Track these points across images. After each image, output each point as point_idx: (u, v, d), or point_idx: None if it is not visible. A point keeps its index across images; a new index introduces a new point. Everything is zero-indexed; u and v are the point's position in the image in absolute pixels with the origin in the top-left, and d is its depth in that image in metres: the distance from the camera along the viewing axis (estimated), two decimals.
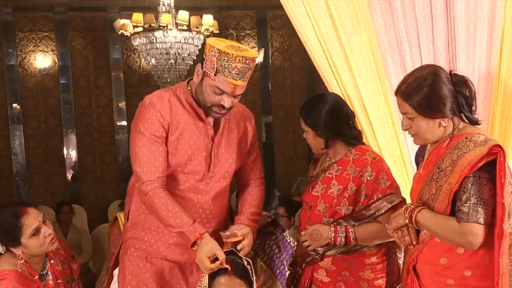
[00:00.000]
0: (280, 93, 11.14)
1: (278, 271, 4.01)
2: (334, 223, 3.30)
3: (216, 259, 2.85)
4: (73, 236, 7.93)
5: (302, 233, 3.39)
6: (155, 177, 3.03)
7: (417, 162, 3.16)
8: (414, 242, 2.86)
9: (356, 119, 3.53)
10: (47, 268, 3.43)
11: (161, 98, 3.12)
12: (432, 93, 2.69)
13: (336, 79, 3.88)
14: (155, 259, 3.24)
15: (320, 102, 3.37)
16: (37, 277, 3.33)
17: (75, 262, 3.72)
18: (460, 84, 2.73)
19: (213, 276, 2.88)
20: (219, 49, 2.91)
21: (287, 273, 3.74)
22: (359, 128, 3.61)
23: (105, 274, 4.55)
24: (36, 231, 3.26)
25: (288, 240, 4.19)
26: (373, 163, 3.27)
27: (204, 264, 2.85)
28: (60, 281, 3.47)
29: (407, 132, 2.91)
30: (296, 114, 10.64)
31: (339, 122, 3.34)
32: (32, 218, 3.26)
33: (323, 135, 3.34)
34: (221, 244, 3.00)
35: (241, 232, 3.09)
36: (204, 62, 3.01)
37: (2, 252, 3.32)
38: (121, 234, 4.45)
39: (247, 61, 2.94)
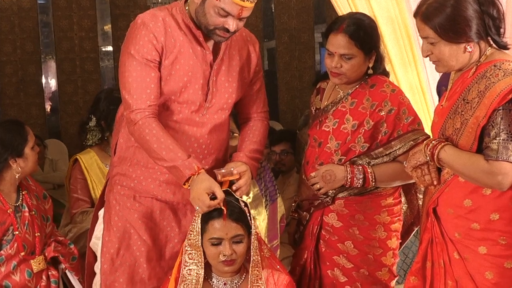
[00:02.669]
0: (284, 15, 10.98)
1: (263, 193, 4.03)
2: (349, 163, 3.27)
3: (213, 198, 2.84)
4: (49, 170, 7.89)
5: (312, 174, 3.35)
6: (146, 105, 3.01)
7: (439, 93, 3.14)
8: (435, 182, 2.85)
9: None
10: (21, 199, 3.60)
11: (154, 18, 3.08)
12: (455, 14, 2.66)
13: None
14: (144, 199, 3.24)
15: (370, 19, 3.37)
16: (10, 210, 3.50)
17: (47, 201, 3.86)
18: (487, 3, 2.70)
19: (206, 219, 2.89)
20: None
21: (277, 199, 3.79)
22: None
23: (66, 224, 4.53)
24: (33, 145, 3.67)
25: (271, 175, 4.14)
26: (393, 96, 3.24)
27: (202, 200, 2.84)
28: (34, 213, 3.62)
29: (427, 58, 2.88)
30: (302, 38, 10.44)
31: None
32: (29, 130, 3.70)
33: (374, 57, 3.30)
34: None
35: (238, 170, 3.07)
36: None
37: None
38: (83, 177, 4.46)
39: None
